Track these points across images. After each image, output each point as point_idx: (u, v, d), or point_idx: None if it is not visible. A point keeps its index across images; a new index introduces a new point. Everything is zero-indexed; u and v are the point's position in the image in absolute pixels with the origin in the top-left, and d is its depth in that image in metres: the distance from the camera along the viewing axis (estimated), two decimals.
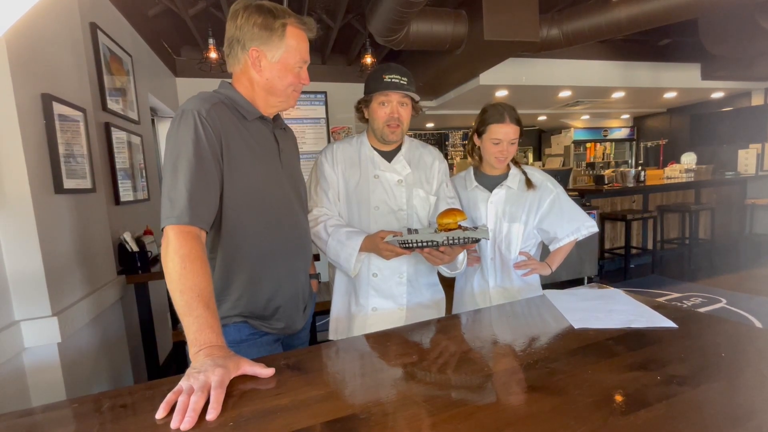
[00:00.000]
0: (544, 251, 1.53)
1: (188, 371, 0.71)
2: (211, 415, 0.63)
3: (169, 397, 0.66)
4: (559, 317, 1.01)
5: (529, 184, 1.46)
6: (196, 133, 0.88)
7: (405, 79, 1.26)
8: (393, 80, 1.24)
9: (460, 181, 1.57)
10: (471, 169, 1.56)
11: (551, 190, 1.47)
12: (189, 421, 0.62)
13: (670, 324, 0.91)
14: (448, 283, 1.55)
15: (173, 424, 0.62)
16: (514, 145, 1.43)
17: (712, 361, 0.75)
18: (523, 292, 1.47)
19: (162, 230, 0.85)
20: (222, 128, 0.93)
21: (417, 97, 1.31)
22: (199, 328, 0.76)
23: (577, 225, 1.45)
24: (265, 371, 0.75)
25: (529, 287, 1.49)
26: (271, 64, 0.98)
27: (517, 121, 1.42)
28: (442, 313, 1.45)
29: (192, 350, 0.75)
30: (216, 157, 0.91)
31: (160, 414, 0.64)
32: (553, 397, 0.65)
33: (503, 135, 1.40)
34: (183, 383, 0.69)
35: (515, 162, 1.52)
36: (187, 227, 0.84)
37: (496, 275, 1.49)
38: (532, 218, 1.47)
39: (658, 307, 1.02)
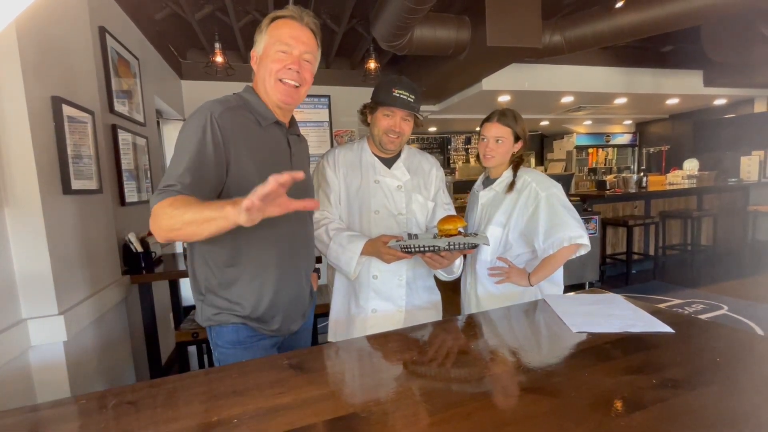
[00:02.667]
0: None
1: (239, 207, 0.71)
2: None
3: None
4: (558, 321, 1.03)
5: (510, 186, 1.43)
6: (203, 132, 0.92)
7: (413, 96, 1.28)
8: (401, 96, 1.26)
9: (477, 183, 1.65)
10: (484, 173, 1.62)
11: (536, 194, 1.38)
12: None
13: (667, 329, 0.92)
14: (448, 287, 1.58)
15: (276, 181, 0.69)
16: (501, 145, 1.44)
17: (708, 365, 0.76)
18: (491, 299, 1.45)
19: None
20: (232, 132, 0.95)
21: (422, 116, 1.34)
22: (219, 203, 0.76)
23: (558, 236, 1.30)
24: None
25: (501, 295, 1.43)
26: (260, 59, 1.03)
27: (508, 125, 1.43)
28: (440, 315, 1.47)
29: (229, 208, 0.74)
30: (218, 157, 0.93)
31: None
32: (550, 399, 0.67)
33: (488, 132, 1.45)
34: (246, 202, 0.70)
35: (516, 165, 1.49)
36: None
37: (472, 275, 1.53)
38: (515, 223, 1.41)
39: (656, 313, 1.03)
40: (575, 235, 1.31)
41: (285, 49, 1.00)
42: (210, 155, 0.91)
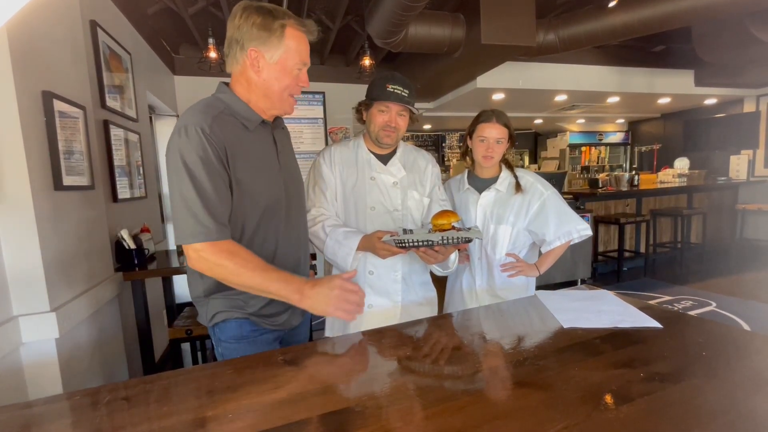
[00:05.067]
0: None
1: (316, 308, 0.93)
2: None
3: (345, 310, 0.92)
4: (549, 317, 1.04)
5: (517, 187, 1.49)
6: (204, 150, 0.90)
7: (407, 91, 1.29)
8: (396, 91, 1.27)
9: (455, 183, 1.64)
10: (466, 172, 1.61)
11: (541, 193, 1.48)
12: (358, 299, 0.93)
13: (655, 324, 0.94)
14: (439, 282, 1.59)
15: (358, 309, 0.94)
16: (501, 146, 1.47)
17: (693, 359, 0.78)
18: (507, 292, 1.50)
19: (182, 245, 0.92)
20: (225, 142, 0.94)
21: (416, 111, 1.34)
22: (285, 281, 0.93)
23: (567, 228, 1.45)
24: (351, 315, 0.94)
25: (514, 287, 1.51)
26: (269, 65, 0.98)
27: (505, 125, 1.47)
28: (435, 311, 1.48)
29: (296, 297, 0.93)
30: (225, 170, 0.93)
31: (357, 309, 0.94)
32: (540, 392, 0.68)
33: (488, 133, 1.46)
34: (331, 310, 0.92)
35: (508, 165, 1.55)
36: (218, 242, 0.92)
37: (482, 274, 1.54)
38: (521, 220, 1.49)
39: (645, 308, 1.06)
40: (582, 227, 1.47)
41: (303, 68, 1.02)
42: (221, 172, 0.92)
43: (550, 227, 1.46)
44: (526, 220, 1.49)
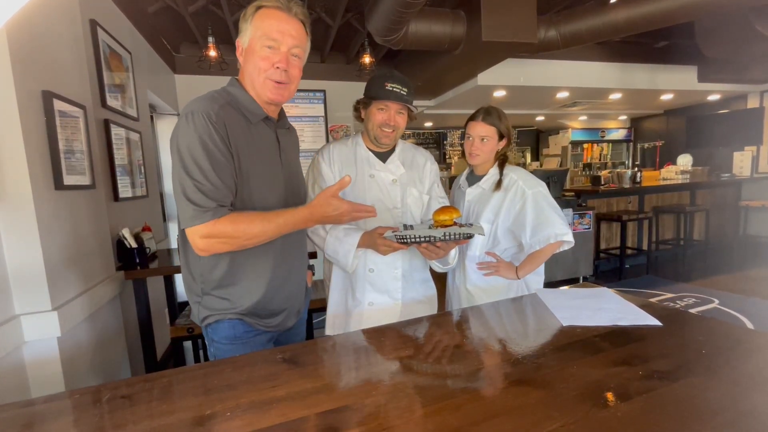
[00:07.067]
0: None
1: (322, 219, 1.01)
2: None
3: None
4: (548, 315, 1.04)
5: (497, 185, 1.46)
6: (209, 135, 0.90)
7: (405, 89, 1.28)
8: (394, 90, 1.26)
9: (457, 180, 1.66)
10: (468, 169, 1.62)
11: (523, 192, 1.43)
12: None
13: (655, 322, 0.94)
14: (440, 280, 1.59)
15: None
16: (487, 144, 1.46)
17: (693, 357, 0.78)
18: (481, 292, 1.47)
19: (183, 229, 0.91)
20: (230, 131, 0.94)
21: (414, 109, 1.34)
22: (290, 215, 0.97)
23: (545, 233, 1.37)
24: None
25: (490, 288, 1.47)
26: (245, 51, 1.00)
27: (493, 124, 1.44)
28: (435, 309, 1.48)
29: (311, 224, 1.03)
30: (229, 152, 0.94)
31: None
32: (539, 391, 0.68)
33: (474, 131, 1.46)
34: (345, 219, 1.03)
35: (501, 163, 1.52)
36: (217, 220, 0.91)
37: (459, 271, 1.54)
38: (502, 219, 1.45)
39: (645, 306, 1.05)
40: (561, 232, 1.38)
41: (272, 45, 0.96)
42: (224, 153, 0.92)
43: (527, 230, 1.40)
44: (509, 219, 1.45)
